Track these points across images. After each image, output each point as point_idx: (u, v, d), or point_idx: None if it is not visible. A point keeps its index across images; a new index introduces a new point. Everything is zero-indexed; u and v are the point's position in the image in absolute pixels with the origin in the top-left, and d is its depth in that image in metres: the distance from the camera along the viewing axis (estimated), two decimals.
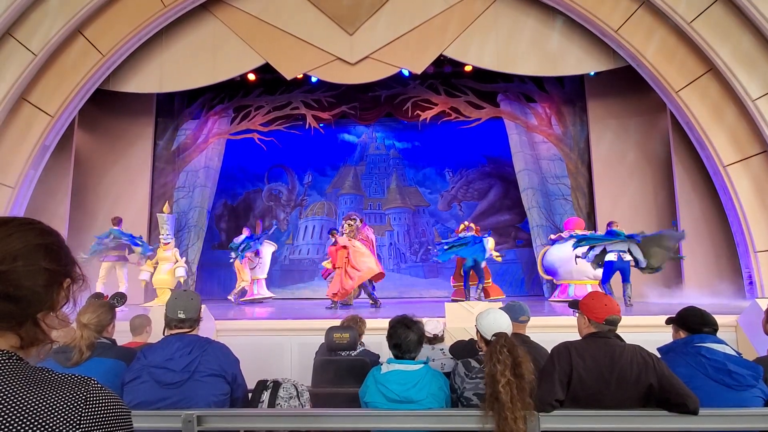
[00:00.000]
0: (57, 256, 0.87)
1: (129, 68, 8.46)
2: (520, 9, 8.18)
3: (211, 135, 10.46)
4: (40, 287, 0.84)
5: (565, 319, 5.49)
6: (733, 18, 7.09)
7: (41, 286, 0.84)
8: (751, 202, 7.29)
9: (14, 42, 7.50)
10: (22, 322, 0.83)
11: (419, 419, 2.27)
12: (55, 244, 0.88)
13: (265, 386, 2.65)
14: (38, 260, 0.84)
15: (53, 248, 0.87)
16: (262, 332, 5.81)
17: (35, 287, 0.83)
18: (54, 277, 0.86)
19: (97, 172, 9.85)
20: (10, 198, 7.69)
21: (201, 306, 2.54)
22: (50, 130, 7.90)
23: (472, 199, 11.28)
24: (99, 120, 9.75)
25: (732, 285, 7.63)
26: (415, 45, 8.20)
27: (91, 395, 0.82)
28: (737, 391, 2.30)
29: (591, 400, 2.23)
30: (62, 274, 0.88)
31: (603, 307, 2.42)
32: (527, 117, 10.16)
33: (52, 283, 0.86)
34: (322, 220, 11.44)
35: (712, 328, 2.57)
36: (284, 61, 8.35)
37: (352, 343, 3.52)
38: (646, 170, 9.38)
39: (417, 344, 2.51)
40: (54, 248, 0.87)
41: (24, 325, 0.84)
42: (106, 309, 2.69)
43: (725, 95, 7.33)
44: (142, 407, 2.23)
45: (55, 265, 0.86)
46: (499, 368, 2.16)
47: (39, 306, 0.84)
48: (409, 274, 11.10)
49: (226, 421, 2.30)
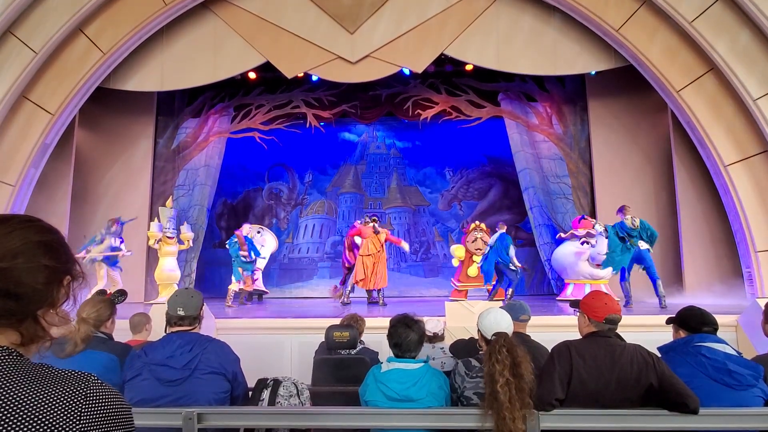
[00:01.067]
0: (57, 254, 0.88)
1: (130, 66, 8.46)
2: (521, 8, 8.17)
3: (211, 133, 10.47)
4: (41, 284, 0.84)
5: (566, 319, 5.50)
6: (734, 17, 7.08)
7: (41, 284, 0.84)
8: (752, 201, 7.29)
9: (15, 40, 7.50)
10: (22, 319, 0.84)
11: (419, 418, 2.27)
12: (55, 242, 0.88)
13: (265, 384, 2.65)
14: (39, 257, 0.84)
15: (53, 246, 0.88)
16: (263, 331, 5.82)
17: (36, 284, 0.84)
18: (54, 275, 0.86)
19: (98, 171, 9.86)
20: (10, 196, 7.69)
21: (202, 304, 2.54)
22: (51, 128, 7.90)
23: (472, 199, 11.28)
24: (100, 118, 9.75)
25: (732, 284, 7.63)
26: (416, 44, 8.20)
27: (91, 391, 0.82)
28: (737, 391, 2.30)
29: (591, 400, 2.23)
30: (62, 272, 0.88)
31: (603, 306, 2.42)
32: (528, 116, 10.15)
33: (52, 280, 0.86)
34: (322, 218, 11.44)
35: (713, 328, 2.57)
36: (285, 59, 8.35)
37: (352, 342, 3.52)
38: (646, 170, 9.38)
39: (417, 344, 2.51)
40: (54, 246, 0.88)
41: (24, 322, 0.84)
42: (105, 304, 2.71)
43: (726, 95, 7.32)
44: (142, 404, 2.24)
45: (55, 263, 0.86)
46: (498, 368, 2.16)
47: (39, 303, 0.85)
48: (410, 273, 11.10)
49: (226, 419, 2.30)
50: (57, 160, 8.65)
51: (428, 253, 11.20)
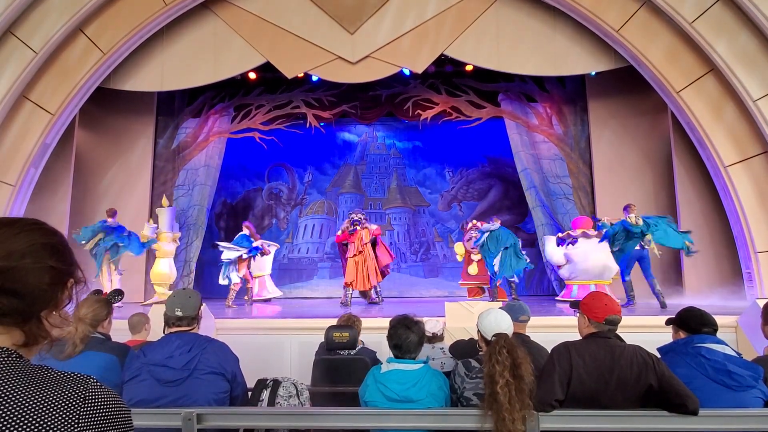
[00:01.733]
0: (63, 256, 0.90)
1: (130, 66, 8.46)
2: (521, 8, 8.17)
3: (211, 133, 10.47)
4: (46, 285, 0.86)
5: (566, 319, 5.49)
6: (734, 18, 7.08)
7: (47, 284, 0.86)
8: (752, 202, 7.29)
9: (15, 40, 7.50)
10: (27, 319, 0.86)
11: (418, 418, 2.27)
12: (59, 244, 0.91)
13: (264, 385, 2.65)
14: (45, 258, 0.86)
15: (59, 248, 0.90)
16: (262, 331, 5.81)
17: (41, 285, 0.86)
18: (59, 276, 0.88)
19: (98, 171, 9.86)
20: (10, 196, 7.69)
21: (200, 304, 2.53)
22: (51, 128, 7.90)
23: (472, 199, 11.28)
24: (100, 118, 9.75)
25: (732, 285, 7.63)
26: (416, 44, 8.20)
27: (89, 393, 0.82)
28: (737, 392, 2.29)
29: (591, 400, 2.23)
30: (67, 274, 0.90)
31: (603, 306, 2.41)
32: (528, 117, 10.15)
33: (57, 281, 0.88)
34: (322, 219, 11.44)
35: (712, 329, 2.57)
36: (285, 59, 8.35)
37: (352, 342, 3.52)
38: (646, 170, 9.38)
39: (417, 345, 2.51)
40: (59, 248, 0.90)
41: (29, 322, 0.86)
42: (102, 304, 2.70)
43: (726, 95, 7.33)
44: (141, 405, 2.23)
45: (60, 264, 0.89)
46: (498, 369, 2.16)
47: (44, 304, 0.87)
48: (409, 274, 11.10)
49: (225, 420, 2.30)
50: (57, 160, 8.65)
51: (428, 253, 11.20)
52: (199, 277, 10.43)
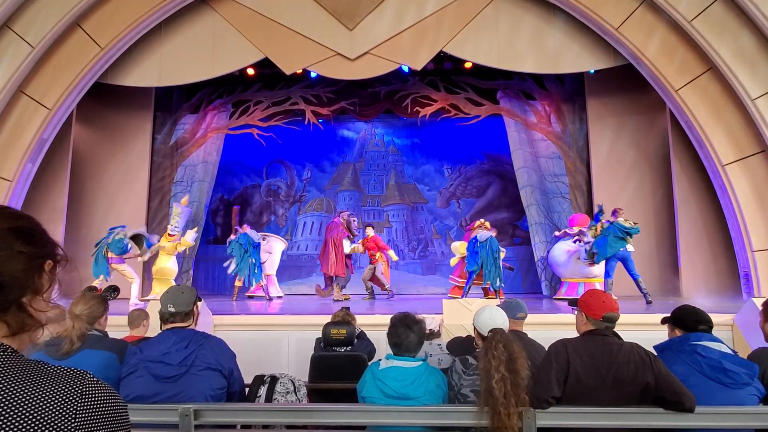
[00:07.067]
0: (31, 239, 0.86)
1: (128, 62, 8.42)
2: (521, 6, 8.16)
3: (209, 130, 10.44)
4: (19, 272, 0.82)
5: (563, 317, 5.51)
6: (733, 17, 7.08)
7: (20, 271, 0.83)
8: (749, 201, 7.31)
9: (12, 34, 7.46)
10: (5, 309, 0.82)
11: (415, 414, 2.27)
12: (26, 227, 0.86)
13: (262, 381, 2.65)
14: (11, 245, 0.82)
15: (25, 231, 0.85)
16: (260, 327, 5.81)
17: (13, 272, 0.82)
18: (32, 261, 0.84)
19: (95, 166, 9.83)
20: (7, 191, 7.67)
21: (194, 300, 2.52)
22: (48, 123, 7.87)
23: (470, 197, 11.28)
24: (97, 114, 9.71)
25: (729, 284, 7.66)
26: (415, 41, 8.18)
27: (86, 389, 0.81)
28: (733, 390, 2.30)
29: (587, 398, 2.24)
30: (40, 257, 0.86)
31: (601, 304, 2.42)
32: (527, 114, 10.15)
33: (30, 266, 0.84)
34: (320, 216, 11.42)
35: (708, 326, 2.57)
36: (283, 56, 8.33)
37: (349, 339, 3.52)
38: (644, 169, 9.39)
39: (417, 344, 2.50)
40: (26, 231, 0.86)
41: (9, 312, 0.83)
42: (98, 301, 2.69)
43: (725, 94, 7.33)
44: (138, 401, 2.23)
45: (30, 248, 0.84)
46: (493, 363, 2.16)
47: (20, 291, 0.83)
48: (407, 271, 11.10)
49: (222, 416, 2.30)
50: (54, 156, 8.62)
51: (426, 250, 11.20)
52: (196, 274, 10.42)
